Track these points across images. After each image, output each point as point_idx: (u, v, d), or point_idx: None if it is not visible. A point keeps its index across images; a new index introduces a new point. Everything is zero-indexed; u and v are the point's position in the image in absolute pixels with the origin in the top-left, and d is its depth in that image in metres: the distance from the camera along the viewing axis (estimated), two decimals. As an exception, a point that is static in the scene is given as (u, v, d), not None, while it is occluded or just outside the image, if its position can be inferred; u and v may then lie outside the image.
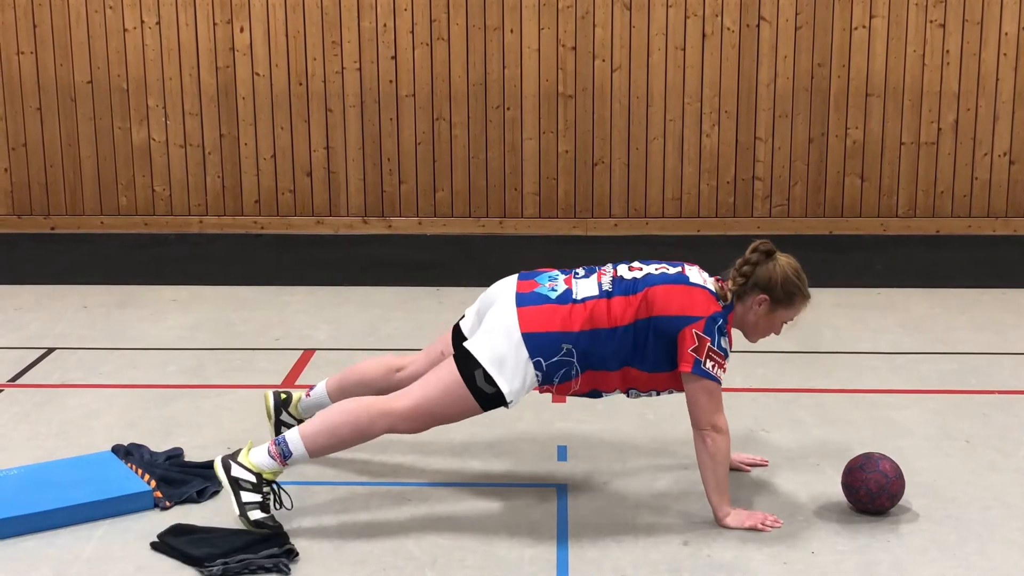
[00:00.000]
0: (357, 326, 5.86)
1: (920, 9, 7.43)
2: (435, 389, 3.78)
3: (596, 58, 7.52)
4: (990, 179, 7.65)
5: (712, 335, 3.75)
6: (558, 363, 3.75)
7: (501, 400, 3.76)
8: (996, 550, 3.70)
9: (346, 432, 3.77)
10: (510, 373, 3.74)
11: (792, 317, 3.98)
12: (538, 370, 3.75)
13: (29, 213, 7.78)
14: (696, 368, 3.74)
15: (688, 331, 3.74)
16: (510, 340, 3.75)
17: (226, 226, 7.73)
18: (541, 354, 3.74)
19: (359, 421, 3.77)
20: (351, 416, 3.78)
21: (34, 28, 7.54)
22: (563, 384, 3.82)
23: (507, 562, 3.62)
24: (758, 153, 7.63)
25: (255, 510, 3.70)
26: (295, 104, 7.60)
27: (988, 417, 4.72)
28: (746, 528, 3.80)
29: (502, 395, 3.74)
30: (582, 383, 3.83)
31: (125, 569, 3.58)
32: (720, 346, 3.77)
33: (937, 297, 6.34)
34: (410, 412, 3.78)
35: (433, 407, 3.78)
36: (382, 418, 3.77)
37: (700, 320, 3.75)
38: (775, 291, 3.87)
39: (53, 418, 4.69)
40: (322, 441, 3.76)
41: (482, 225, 7.71)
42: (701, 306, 3.77)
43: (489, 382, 3.73)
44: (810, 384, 5.11)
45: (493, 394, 3.75)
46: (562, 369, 3.77)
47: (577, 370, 3.78)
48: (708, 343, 3.74)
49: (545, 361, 3.75)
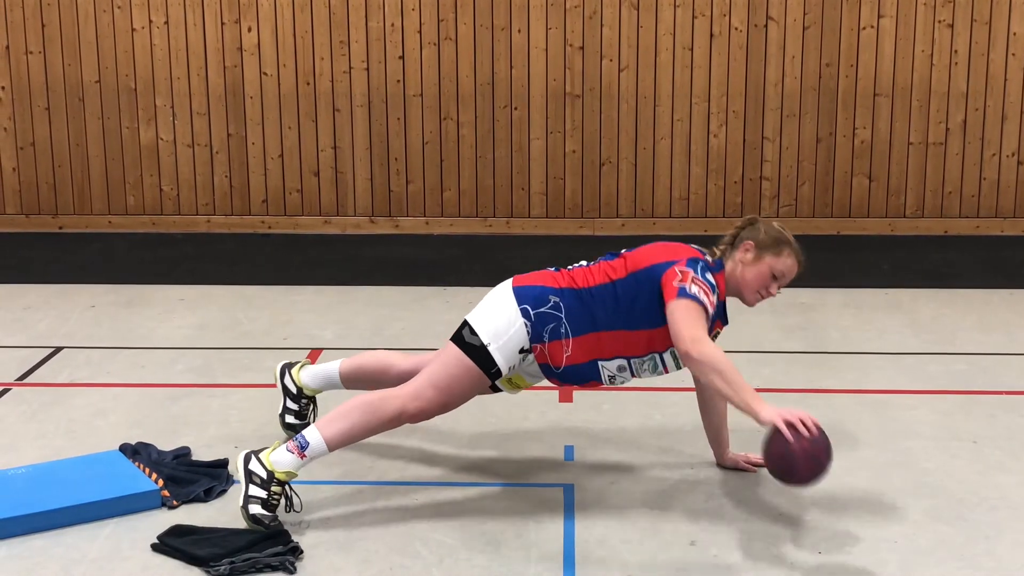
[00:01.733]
0: (364, 325, 5.87)
1: (928, 9, 7.42)
2: (434, 362, 3.93)
3: (604, 58, 7.52)
4: (998, 179, 7.63)
5: (695, 268, 3.81)
6: (546, 315, 3.84)
7: (487, 354, 3.82)
8: (1004, 551, 3.70)
9: (357, 415, 3.83)
10: (493, 324, 3.85)
11: (781, 268, 3.95)
12: (526, 319, 3.84)
13: (37, 212, 7.79)
14: (681, 292, 3.74)
15: (670, 270, 3.80)
16: (500, 296, 3.91)
17: (233, 226, 7.73)
18: (528, 302, 3.86)
19: (371, 402, 3.85)
20: (361, 400, 3.87)
21: (42, 28, 7.55)
22: (554, 344, 3.85)
23: (514, 562, 3.62)
24: (766, 153, 7.63)
25: (255, 504, 3.72)
26: (303, 104, 7.61)
27: (996, 418, 4.72)
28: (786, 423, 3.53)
29: (487, 350, 3.82)
30: (574, 348, 3.85)
31: (132, 568, 3.59)
32: (705, 278, 3.80)
33: (945, 297, 6.33)
34: (415, 388, 3.87)
35: (433, 376, 3.88)
36: (391, 399, 3.86)
37: (680, 260, 3.84)
38: (759, 236, 3.94)
39: (61, 417, 4.70)
40: (336, 427, 3.82)
41: (489, 225, 7.71)
42: (683, 252, 3.88)
43: (474, 334, 3.85)
44: (817, 384, 5.10)
45: (479, 346, 3.83)
46: (550, 323, 3.84)
47: (567, 328, 3.84)
48: (691, 273, 3.79)
49: (532, 310, 3.85)
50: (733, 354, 5.17)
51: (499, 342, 3.84)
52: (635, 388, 4.91)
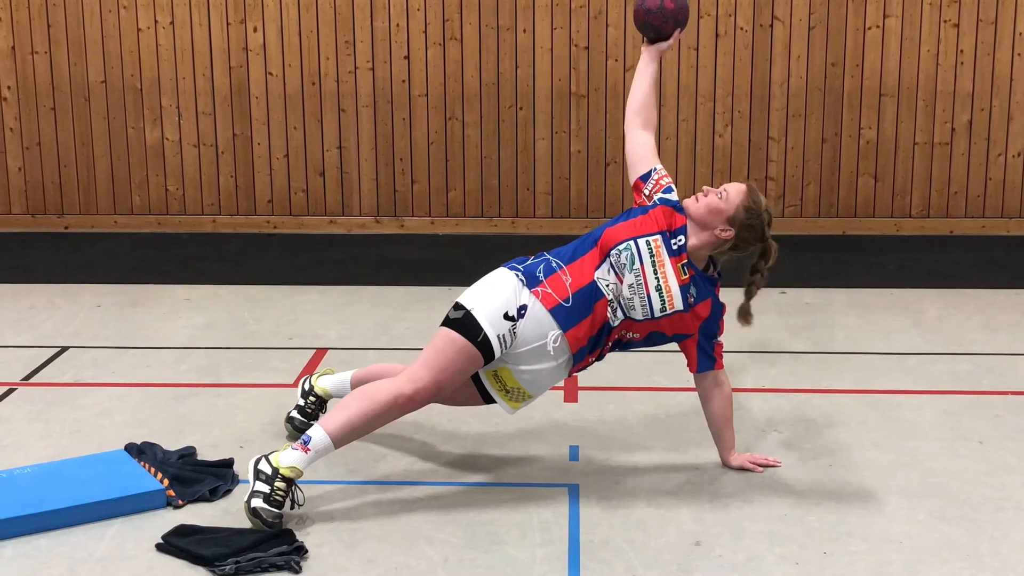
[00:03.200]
0: (369, 325, 5.87)
1: (934, 9, 7.42)
2: (429, 347, 3.97)
3: (609, 58, 7.52)
4: (1004, 179, 7.62)
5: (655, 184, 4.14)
6: (534, 263, 4.03)
7: (472, 321, 3.88)
8: (1009, 551, 3.69)
9: (355, 405, 3.88)
10: (478, 292, 3.96)
11: None
12: (516, 271, 3.99)
13: (43, 212, 7.80)
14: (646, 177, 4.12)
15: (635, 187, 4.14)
16: (491, 277, 4.03)
17: (239, 225, 7.74)
18: (517, 261, 4.05)
19: (366, 390, 3.92)
20: (358, 390, 3.96)
21: (48, 28, 7.56)
22: (552, 278, 3.97)
23: (518, 562, 3.62)
24: (771, 153, 7.62)
25: (256, 498, 3.75)
26: (308, 104, 7.61)
27: (1002, 418, 4.71)
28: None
29: (471, 315, 3.88)
30: (571, 273, 3.97)
31: (137, 567, 3.59)
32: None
33: (950, 298, 6.32)
34: (409, 372, 3.93)
35: (426, 357, 3.94)
36: (387, 384, 3.91)
37: None
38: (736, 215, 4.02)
39: (66, 417, 4.71)
40: (337, 418, 3.86)
41: (494, 225, 7.71)
42: None
43: (456, 308, 3.94)
44: (822, 385, 5.10)
45: (464, 316, 3.90)
46: (540, 264, 4.01)
47: (557, 263, 4.00)
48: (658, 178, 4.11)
49: (521, 264, 4.03)
50: (738, 354, 5.21)
51: (483, 307, 3.92)
52: (640, 388, 4.91)
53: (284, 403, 4.69)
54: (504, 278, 3.99)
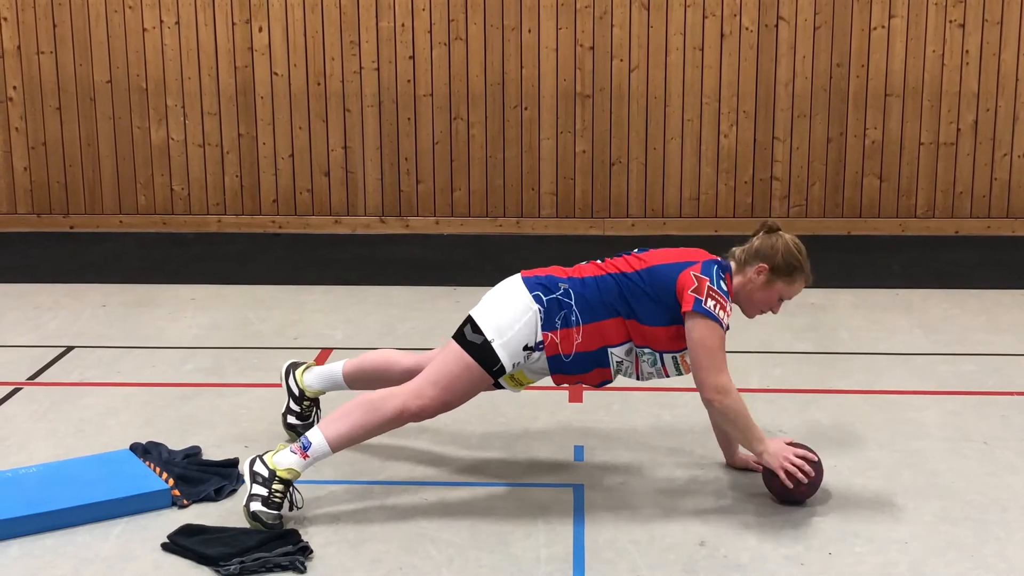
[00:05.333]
0: (374, 325, 5.87)
1: (939, 9, 7.41)
2: (436, 360, 3.91)
3: (614, 58, 7.52)
4: (1009, 180, 7.61)
5: (711, 275, 3.81)
6: (558, 301, 3.84)
7: (490, 351, 3.80)
8: (1014, 552, 3.69)
9: (358, 414, 3.83)
10: (498, 319, 3.83)
11: (790, 295, 3.99)
12: (539, 304, 3.84)
13: (48, 212, 7.81)
14: (697, 306, 3.76)
15: (685, 274, 3.82)
16: (507, 288, 3.91)
17: (244, 225, 7.75)
18: (540, 289, 3.87)
19: (371, 400, 3.85)
20: (361, 399, 3.88)
21: (54, 28, 7.57)
22: (565, 332, 3.84)
23: (523, 562, 3.62)
24: (776, 153, 7.62)
25: (255, 501, 3.74)
26: (313, 104, 7.62)
27: (1007, 419, 4.70)
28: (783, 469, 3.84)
29: (490, 346, 3.80)
30: (584, 335, 3.85)
31: (143, 567, 3.60)
32: (720, 288, 3.81)
33: (955, 298, 6.31)
34: (415, 386, 3.86)
35: (435, 374, 3.86)
36: (392, 397, 3.85)
37: (696, 263, 3.85)
38: (775, 260, 3.93)
39: (71, 416, 4.71)
40: (337, 426, 3.82)
41: (499, 225, 7.71)
42: (695, 255, 3.92)
43: (476, 332, 3.83)
44: (827, 385, 5.09)
45: (482, 343, 3.81)
46: (562, 310, 3.84)
47: (577, 317, 3.84)
48: (707, 282, 3.79)
49: (544, 296, 3.85)
50: (742, 355, 5.20)
51: (503, 338, 3.83)
52: (645, 388, 4.90)
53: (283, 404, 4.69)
54: (526, 307, 3.85)
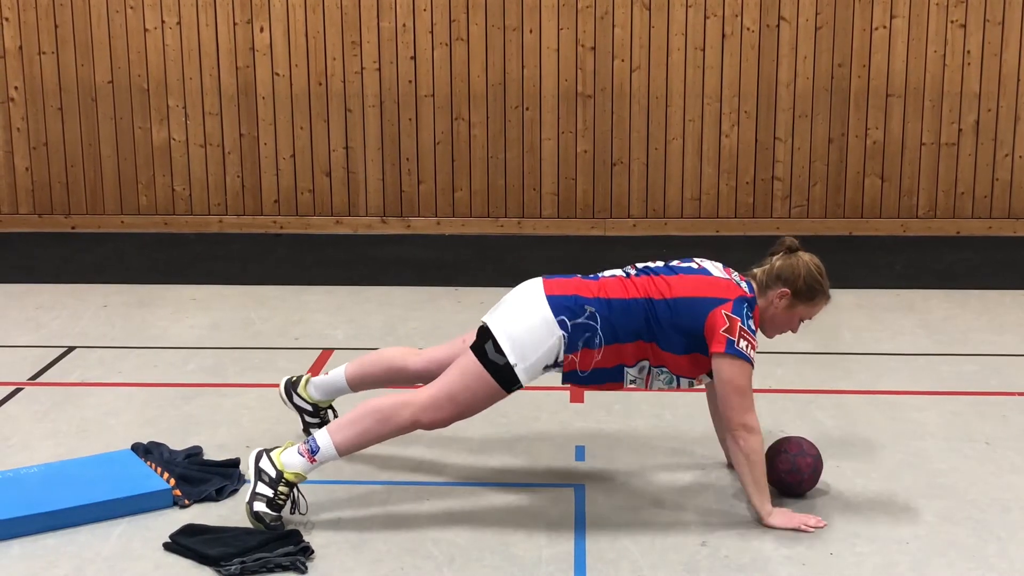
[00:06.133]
0: (376, 325, 5.87)
1: (941, 9, 7.41)
2: (453, 372, 3.83)
3: (615, 58, 7.51)
4: (1011, 180, 7.61)
5: (741, 315, 3.77)
6: (583, 325, 3.77)
7: (511, 373, 3.76)
8: (1016, 552, 3.69)
9: (370, 422, 3.80)
10: (522, 341, 3.76)
11: (811, 315, 3.98)
12: (564, 330, 3.76)
13: (50, 212, 7.81)
14: (730, 348, 3.74)
15: (717, 312, 3.76)
16: (530, 306, 3.79)
17: (245, 226, 7.75)
18: (566, 313, 3.77)
19: (382, 409, 3.81)
20: (373, 406, 3.82)
21: (55, 28, 7.57)
22: (586, 352, 3.80)
23: (525, 561, 3.62)
24: (778, 153, 7.62)
25: (260, 501, 3.73)
26: (314, 104, 7.62)
27: (1008, 419, 4.70)
28: (789, 528, 3.79)
29: (512, 368, 3.75)
30: (604, 354, 3.81)
31: (144, 567, 3.60)
32: (750, 327, 3.79)
33: (957, 298, 6.31)
34: (431, 399, 3.81)
35: (452, 389, 3.81)
36: (404, 407, 3.81)
37: (728, 301, 3.78)
38: (797, 285, 3.90)
39: (73, 416, 4.71)
40: (347, 433, 3.79)
41: (500, 225, 7.71)
42: (726, 290, 3.83)
43: (499, 352, 3.76)
44: (829, 385, 5.09)
45: (504, 365, 3.76)
46: (587, 333, 3.78)
47: (600, 339, 3.79)
48: (739, 322, 3.76)
49: (570, 321, 3.77)
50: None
51: (527, 362, 3.77)
52: (646, 388, 4.90)
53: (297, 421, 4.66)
54: (550, 331, 3.77)
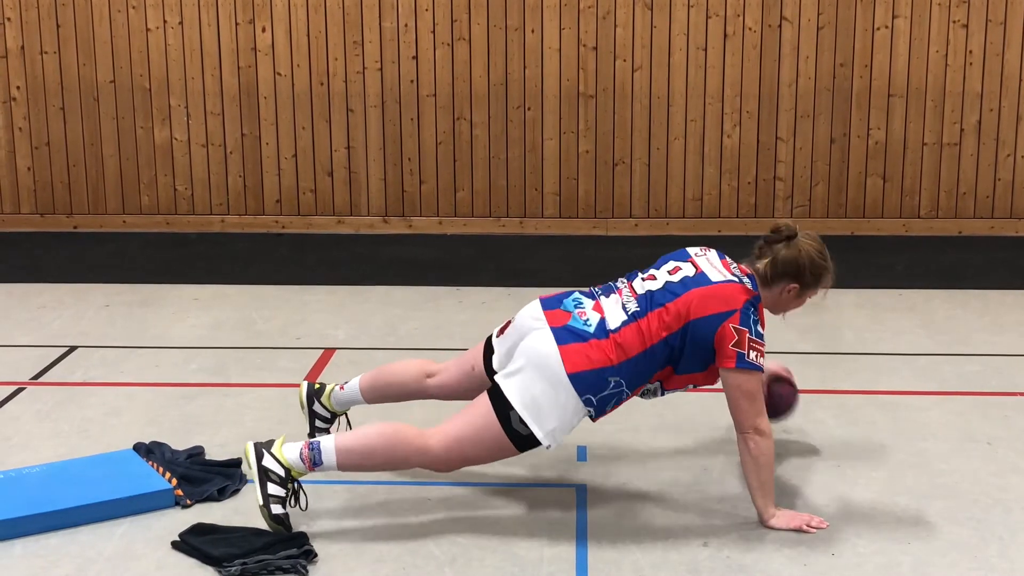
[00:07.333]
0: (377, 325, 5.88)
1: (943, 9, 7.40)
2: (471, 429, 3.77)
3: (617, 58, 7.51)
4: (1013, 180, 7.61)
5: (749, 325, 3.76)
6: (608, 396, 3.76)
7: (535, 442, 3.75)
8: (1018, 553, 3.69)
9: (380, 459, 3.78)
10: (546, 415, 3.72)
11: (820, 293, 4.02)
12: (589, 407, 3.75)
13: (52, 212, 7.82)
14: (740, 362, 3.73)
15: (726, 327, 3.74)
16: (551, 380, 3.72)
17: (247, 225, 7.75)
18: (591, 391, 3.73)
19: (395, 453, 3.76)
20: (389, 444, 3.76)
21: (57, 28, 7.58)
22: (615, 407, 3.83)
23: (526, 562, 3.62)
24: (779, 153, 7.62)
25: (277, 504, 3.70)
26: (316, 104, 7.62)
27: (1010, 419, 4.70)
28: (791, 529, 3.79)
29: (536, 439, 3.73)
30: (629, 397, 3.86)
31: (146, 567, 3.60)
32: (758, 333, 3.79)
33: (959, 298, 6.31)
34: (445, 454, 3.77)
35: (468, 449, 3.77)
36: (418, 455, 3.77)
37: (735, 313, 3.76)
38: (804, 278, 3.92)
39: (75, 416, 4.72)
40: (355, 459, 3.76)
41: (502, 225, 7.71)
42: (730, 297, 3.78)
43: (522, 423, 3.72)
44: (831, 385, 5.09)
45: (528, 436, 3.73)
46: (613, 400, 3.78)
47: (627, 394, 3.80)
48: (747, 334, 3.75)
49: (595, 397, 3.74)
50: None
51: (554, 439, 3.75)
52: (648, 388, 4.91)
53: (292, 403, 4.69)
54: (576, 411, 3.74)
